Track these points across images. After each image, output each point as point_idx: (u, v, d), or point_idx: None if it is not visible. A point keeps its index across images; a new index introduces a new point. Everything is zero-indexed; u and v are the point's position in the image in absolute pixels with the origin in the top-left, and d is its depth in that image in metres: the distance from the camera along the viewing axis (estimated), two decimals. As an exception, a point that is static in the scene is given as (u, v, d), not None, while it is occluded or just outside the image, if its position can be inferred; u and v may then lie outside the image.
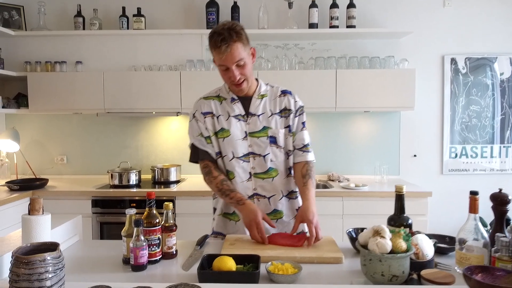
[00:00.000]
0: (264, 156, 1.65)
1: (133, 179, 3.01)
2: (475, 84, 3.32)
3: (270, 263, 1.24)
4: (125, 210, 1.40)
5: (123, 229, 1.35)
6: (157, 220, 1.38)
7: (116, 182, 2.98)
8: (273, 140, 1.65)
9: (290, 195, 1.73)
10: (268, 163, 1.66)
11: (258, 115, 1.66)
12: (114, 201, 2.82)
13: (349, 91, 2.99)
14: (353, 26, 3.11)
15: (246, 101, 1.67)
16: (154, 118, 3.36)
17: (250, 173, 1.67)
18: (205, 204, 2.75)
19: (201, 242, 1.55)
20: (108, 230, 2.86)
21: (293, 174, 1.72)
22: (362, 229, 1.53)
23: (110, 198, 2.83)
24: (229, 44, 1.48)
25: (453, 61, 3.30)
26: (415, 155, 3.37)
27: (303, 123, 1.70)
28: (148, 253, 1.32)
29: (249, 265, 1.25)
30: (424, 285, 1.11)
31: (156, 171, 3.11)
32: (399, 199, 1.39)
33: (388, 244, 1.12)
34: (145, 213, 1.39)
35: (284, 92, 1.72)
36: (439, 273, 1.12)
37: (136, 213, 1.39)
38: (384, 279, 1.11)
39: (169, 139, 3.38)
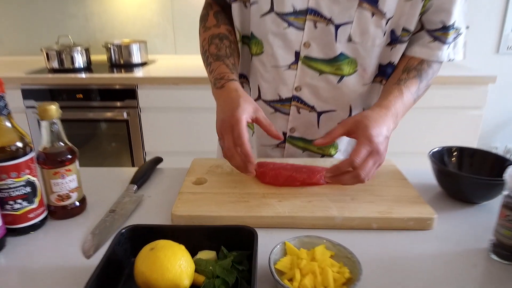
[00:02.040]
0: (337, 26, 0.78)
1: (80, 60, 2.16)
2: None
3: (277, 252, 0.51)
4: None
5: None
6: (19, 145, 0.61)
7: (56, 64, 2.13)
8: None
9: None
10: (342, 43, 0.80)
11: None
12: (54, 92, 2.02)
13: None
14: None
15: None
16: (106, -27, 2.35)
17: (297, 52, 0.83)
18: (183, 95, 1.97)
19: (144, 174, 0.81)
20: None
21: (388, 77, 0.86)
22: (455, 149, 0.78)
23: (48, 87, 2.02)
24: None
25: None
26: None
27: None
28: (7, 216, 0.59)
29: (231, 255, 0.52)
30: None
31: (112, 49, 2.24)
32: None
33: None
34: (-10, 127, 0.61)
35: None
36: None
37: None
38: None
39: (132, 5, 2.42)
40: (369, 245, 0.61)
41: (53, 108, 0.63)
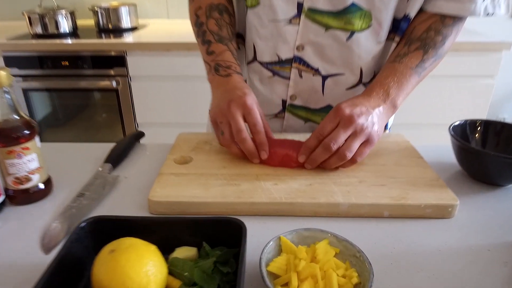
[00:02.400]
0: None
1: (65, 25, 2.01)
2: None
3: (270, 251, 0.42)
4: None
5: None
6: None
7: (39, 30, 1.99)
8: None
9: None
10: None
11: None
12: (38, 59, 1.89)
13: None
14: None
15: None
16: None
17: (300, 4, 0.70)
18: (176, 63, 1.84)
19: (121, 151, 0.70)
20: (38, 101, 2.02)
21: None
22: (479, 123, 0.68)
23: (31, 54, 1.89)
24: None
25: None
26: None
27: None
28: None
29: (215, 253, 0.43)
30: None
31: (100, 13, 2.08)
32: None
33: None
34: None
35: None
36: None
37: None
38: None
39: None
40: (379, 236, 0.52)
41: (2, 74, 0.52)
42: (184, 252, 0.44)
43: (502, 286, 0.44)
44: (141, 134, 0.77)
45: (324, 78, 0.77)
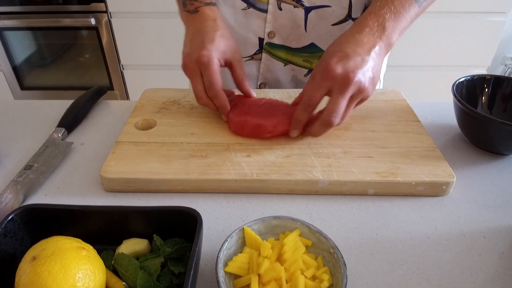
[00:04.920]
0: None
1: (35, -47, 1.80)
2: None
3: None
4: None
5: None
6: None
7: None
8: None
9: None
10: None
11: None
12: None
13: None
14: None
15: None
16: None
17: None
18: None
19: (77, 112, 0.62)
20: (16, 41, 1.88)
21: None
22: (489, 78, 0.60)
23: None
24: None
25: None
26: None
27: None
28: None
29: (166, 249, 0.37)
30: None
31: None
32: None
33: None
34: None
35: None
36: None
37: None
38: None
39: None
40: (360, 219, 0.46)
41: None
42: (132, 246, 0.38)
43: (494, 284, 0.39)
44: (101, 91, 0.68)
45: (307, 10, 0.65)
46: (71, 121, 0.60)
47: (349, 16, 0.66)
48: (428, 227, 0.45)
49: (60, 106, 0.65)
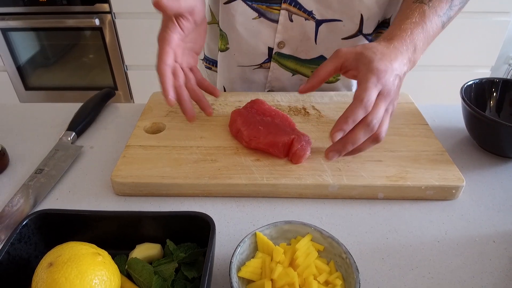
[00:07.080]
0: None
1: (39, -46, 1.80)
2: None
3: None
4: None
5: None
6: None
7: (11, -41, 1.79)
8: None
9: (382, 31, 0.70)
10: None
11: None
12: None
13: None
14: None
15: None
16: None
17: None
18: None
19: (86, 116, 0.62)
20: (20, 42, 1.89)
21: None
22: (498, 81, 0.60)
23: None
24: None
25: None
26: None
27: None
28: None
29: (180, 254, 0.37)
30: None
31: None
32: None
33: None
34: None
35: None
36: None
37: None
38: None
39: None
40: (371, 224, 0.46)
41: None
42: (145, 251, 0.39)
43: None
44: (110, 94, 0.68)
45: (318, 23, 0.66)
46: (80, 125, 0.60)
47: (360, 32, 0.66)
48: (438, 231, 0.45)
49: (68, 109, 0.66)
